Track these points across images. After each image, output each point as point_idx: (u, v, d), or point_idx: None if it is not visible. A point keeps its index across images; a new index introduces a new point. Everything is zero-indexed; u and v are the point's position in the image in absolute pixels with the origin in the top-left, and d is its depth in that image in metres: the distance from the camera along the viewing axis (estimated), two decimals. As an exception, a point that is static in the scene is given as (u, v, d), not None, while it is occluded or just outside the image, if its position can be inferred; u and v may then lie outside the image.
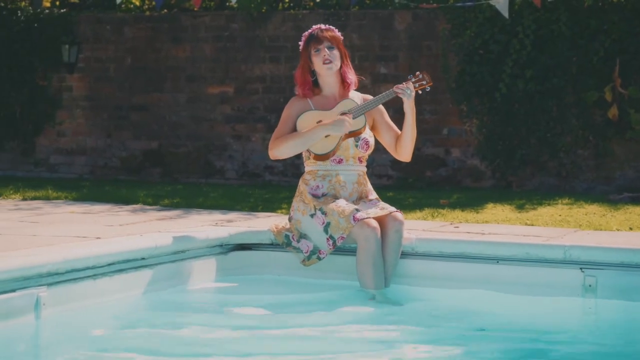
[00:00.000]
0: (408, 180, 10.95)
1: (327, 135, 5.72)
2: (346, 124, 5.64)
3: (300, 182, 5.91)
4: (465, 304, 5.57)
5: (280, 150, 5.76)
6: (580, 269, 5.55)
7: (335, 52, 5.81)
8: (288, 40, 11.43)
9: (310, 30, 5.87)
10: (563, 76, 10.39)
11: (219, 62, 11.72)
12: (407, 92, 5.71)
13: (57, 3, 13.13)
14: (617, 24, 10.22)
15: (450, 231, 6.47)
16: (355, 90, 5.96)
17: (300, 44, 5.90)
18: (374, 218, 5.60)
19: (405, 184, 10.89)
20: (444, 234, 6.30)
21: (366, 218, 5.54)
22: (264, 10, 11.58)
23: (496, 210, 8.09)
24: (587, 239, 6.08)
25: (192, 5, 11.86)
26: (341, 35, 5.92)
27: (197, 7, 11.15)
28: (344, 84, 5.90)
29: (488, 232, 6.35)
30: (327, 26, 5.89)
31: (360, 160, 5.86)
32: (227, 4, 11.96)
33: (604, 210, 8.13)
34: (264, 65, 11.56)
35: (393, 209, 5.73)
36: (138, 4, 12.78)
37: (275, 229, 5.98)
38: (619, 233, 6.52)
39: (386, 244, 5.64)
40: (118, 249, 5.36)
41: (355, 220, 5.52)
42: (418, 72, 5.84)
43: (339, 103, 5.80)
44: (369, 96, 5.97)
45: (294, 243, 5.83)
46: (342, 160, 5.81)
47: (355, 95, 5.93)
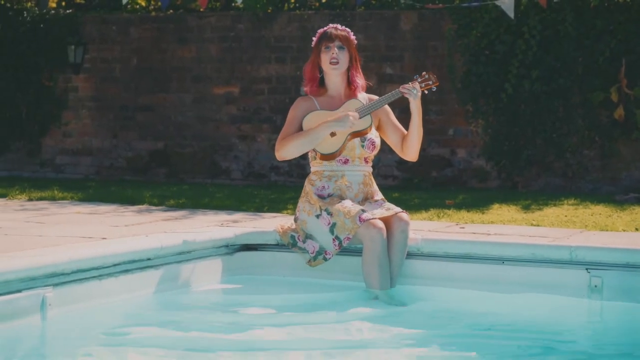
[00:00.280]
0: (414, 181, 10.94)
1: (334, 134, 5.72)
2: (350, 119, 5.63)
3: (306, 183, 5.91)
4: (471, 304, 5.56)
5: (287, 150, 5.75)
6: (586, 269, 5.54)
7: (344, 53, 5.80)
8: (294, 41, 11.43)
9: (325, 28, 5.87)
10: (569, 76, 10.39)
11: (224, 63, 11.73)
12: (413, 92, 5.70)
13: (63, 4, 13.13)
14: (623, 24, 10.21)
15: (456, 232, 6.47)
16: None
17: (314, 39, 5.90)
18: (380, 218, 5.59)
19: (410, 185, 10.88)
20: (450, 234, 6.30)
21: (372, 219, 5.54)
22: (269, 10, 11.58)
23: (502, 211, 8.08)
24: (593, 240, 6.07)
25: (198, 5, 11.87)
26: (355, 40, 5.91)
27: (204, 8, 11.16)
28: (350, 86, 5.89)
29: (494, 233, 6.35)
30: (344, 27, 5.89)
31: (366, 160, 5.85)
32: (233, 4, 11.96)
33: (610, 210, 8.13)
34: (269, 65, 11.57)
35: (399, 209, 5.72)
36: (144, 4, 12.79)
37: (281, 230, 5.98)
38: (625, 234, 6.51)
39: (392, 245, 5.63)
40: (124, 250, 5.36)
41: (361, 220, 5.51)
42: (424, 72, 5.84)
43: (345, 103, 5.80)
44: (375, 96, 5.96)
45: (300, 243, 5.83)
46: (348, 160, 5.80)
47: (361, 96, 5.92)
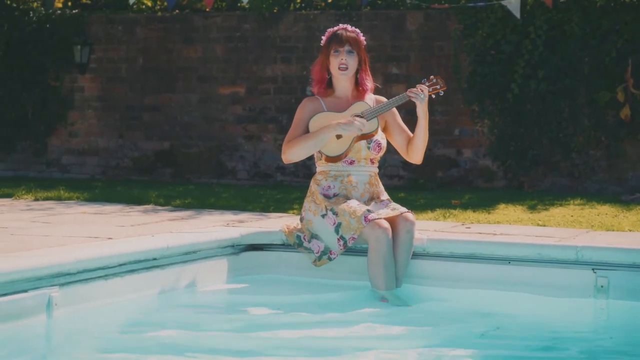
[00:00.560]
0: (419, 181, 10.94)
1: (340, 136, 5.71)
2: (357, 124, 5.63)
3: (311, 183, 5.91)
4: (477, 304, 5.56)
5: (293, 153, 5.75)
6: (592, 269, 5.53)
7: (353, 57, 5.78)
8: (299, 41, 11.43)
9: (335, 28, 5.84)
10: (575, 76, 10.37)
11: (230, 63, 11.73)
12: (421, 97, 5.68)
13: (69, 4, 13.15)
14: (630, 24, 10.20)
15: (461, 232, 6.46)
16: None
17: (323, 38, 5.88)
18: (385, 219, 5.59)
19: (416, 185, 10.87)
20: (456, 234, 6.29)
21: (377, 219, 5.53)
22: (275, 10, 11.59)
23: (508, 211, 8.08)
24: (599, 240, 6.06)
25: (204, 5, 11.87)
26: (364, 41, 5.90)
27: (210, 8, 11.16)
28: (358, 88, 5.88)
29: (500, 233, 6.34)
30: (353, 28, 5.85)
31: (372, 161, 5.85)
32: (239, 4, 11.96)
33: (616, 210, 8.11)
34: (275, 65, 11.57)
35: (404, 209, 5.72)
36: (150, 4, 12.80)
37: (286, 230, 5.98)
38: (631, 234, 6.50)
39: (397, 245, 5.63)
40: (129, 250, 5.36)
41: (367, 220, 5.51)
42: (432, 76, 5.80)
43: (352, 105, 5.78)
44: (382, 98, 5.96)
45: (305, 243, 5.83)
46: (354, 161, 5.79)
47: (368, 97, 5.92)
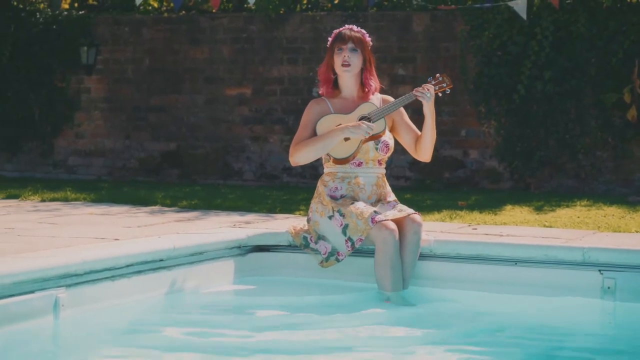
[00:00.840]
0: (426, 182, 10.93)
1: (347, 138, 5.71)
2: (364, 128, 5.62)
3: (318, 184, 5.91)
4: (484, 306, 5.56)
5: (301, 156, 5.75)
6: (599, 271, 5.53)
7: (357, 55, 5.79)
8: (306, 42, 11.43)
9: (341, 29, 5.86)
10: (582, 77, 10.36)
11: (236, 64, 11.74)
12: (427, 96, 5.68)
13: (76, 5, 13.17)
14: (636, 25, 10.17)
15: (468, 233, 6.46)
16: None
17: (330, 39, 5.89)
18: (393, 220, 5.59)
19: (423, 186, 10.87)
20: (462, 235, 6.29)
21: (384, 220, 5.53)
22: (281, 11, 11.59)
23: (514, 212, 8.07)
24: (606, 241, 6.05)
25: (211, 7, 11.88)
26: (370, 41, 5.90)
27: (216, 9, 11.17)
28: (364, 88, 5.88)
29: (506, 234, 6.33)
30: (359, 29, 5.87)
31: (379, 162, 5.85)
32: (245, 5, 11.97)
33: (622, 212, 8.10)
34: (281, 66, 11.57)
35: (411, 210, 5.71)
36: (156, 5, 12.81)
37: (293, 231, 5.98)
38: (638, 235, 6.49)
39: (404, 246, 5.63)
40: (136, 251, 5.37)
41: (374, 222, 5.51)
42: (438, 75, 5.80)
43: (358, 106, 5.78)
44: (388, 97, 5.96)
45: (312, 244, 5.83)
46: (362, 163, 5.79)
47: (375, 97, 5.91)
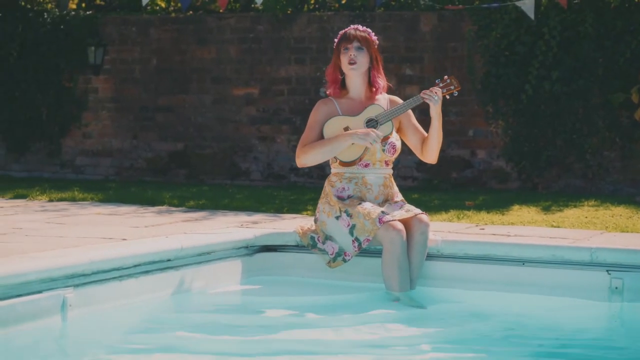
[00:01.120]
0: (433, 182, 10.92)
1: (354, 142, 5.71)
2: (372, 136, 5.62)
3: (326, 184, 5.91)
4: (491, 306, 5.55)
5: (307, 158, 5.75)
6: (607, 271, 5.52)
7: (363, 54, 5.79)
8: (313, 42, 11.43)
9: (346, 29, 5.87)
10: (589, 77, 10.34)
11: (244, 64, 11.74)
12: (435, 98, 5.67)
13: (83, 5, 13.18)
14: (644, 24, 10.17)
15: (475, 233, 6.45)
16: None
17: (336, 40, 5.89)
18: (400, 220, 5.59)
19: (430, 186, 10.86)
20: (470, 235, 6.28)
21: (392, 220, 5.53)
22: (289, 11, 11.59)
23: (522, 212, 8.06)
24: (614, 241, 6.04)
25: (218, 7, 11.88)
26: (377, 40, 5.90)
27: (223, 9, 11.17)
28: (371, 87, 5.88)
29: (514, 234, 6.33)
30: (364, 28, 5.87)
31: (387, 163, 5.85)
32: (253, 5, 11.97)
33: (630, 212, 8.09)
34: (289, 66, 11.57)
35: (418, 211, 5.71)
36: (164, 5, 12.82)
37: (300, 231, 5.98)
38: (645, 235, 6.48)
39: (412, 246, 5.62)
40: (144, 251, 5.38)
41: (381, 222, 5.50)
42: (446, 77, 5.78)
43: (365, 108, 5.78)
44: (395, 97, 5.95)
45: (320, 245, 5.83)
46: (369, 164, 5.79)
47: (382, 98, 5.91)
